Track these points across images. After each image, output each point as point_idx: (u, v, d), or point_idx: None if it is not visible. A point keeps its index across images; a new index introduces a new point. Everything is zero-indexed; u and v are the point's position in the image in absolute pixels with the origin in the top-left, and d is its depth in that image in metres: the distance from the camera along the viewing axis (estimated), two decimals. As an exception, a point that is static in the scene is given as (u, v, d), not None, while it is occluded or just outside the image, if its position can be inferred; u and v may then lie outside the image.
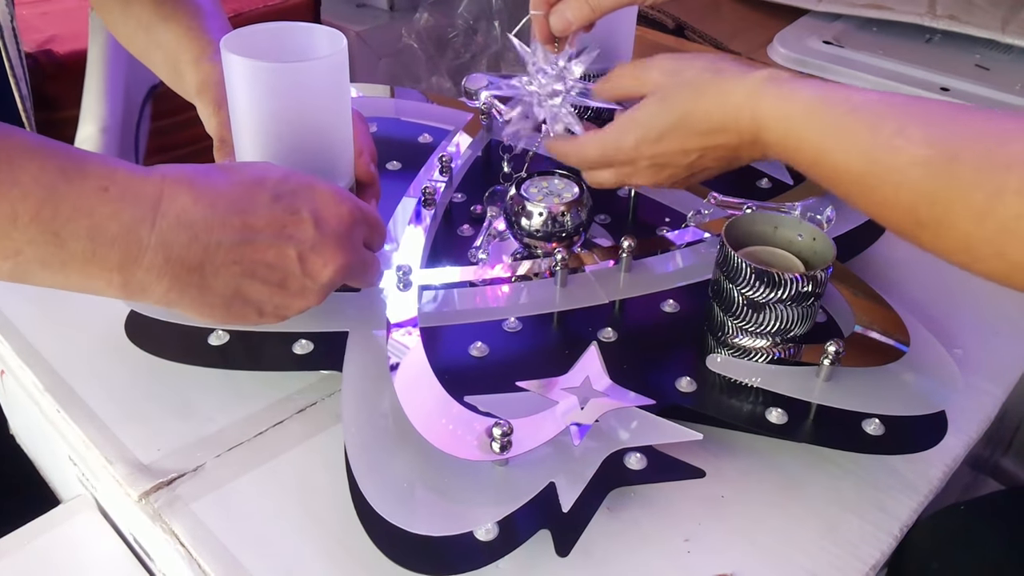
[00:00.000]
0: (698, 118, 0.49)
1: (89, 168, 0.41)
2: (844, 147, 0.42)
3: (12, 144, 0.39)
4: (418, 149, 0.77)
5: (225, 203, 0.44)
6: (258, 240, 0.44)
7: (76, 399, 0.55)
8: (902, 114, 0.41)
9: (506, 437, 0.46)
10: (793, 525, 0.49)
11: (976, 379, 0.60)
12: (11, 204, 0.38)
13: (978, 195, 0.37)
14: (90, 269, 0.40)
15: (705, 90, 0.49)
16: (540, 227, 0.62)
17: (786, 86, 0.46)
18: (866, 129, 0.41)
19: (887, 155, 0.40)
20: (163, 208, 0.42)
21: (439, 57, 1.47)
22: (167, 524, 0.48)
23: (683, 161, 0.52)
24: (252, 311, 0.46)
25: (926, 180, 0.39)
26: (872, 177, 0.41)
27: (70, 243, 0.39)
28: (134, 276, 0.41)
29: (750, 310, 0.53)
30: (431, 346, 0.55)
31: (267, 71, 0.50)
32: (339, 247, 0.47)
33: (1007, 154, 0.36)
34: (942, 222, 0.38)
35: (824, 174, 0.44)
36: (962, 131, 0.38)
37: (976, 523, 0.53)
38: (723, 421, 0.52)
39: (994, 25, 0.94)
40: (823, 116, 0.43)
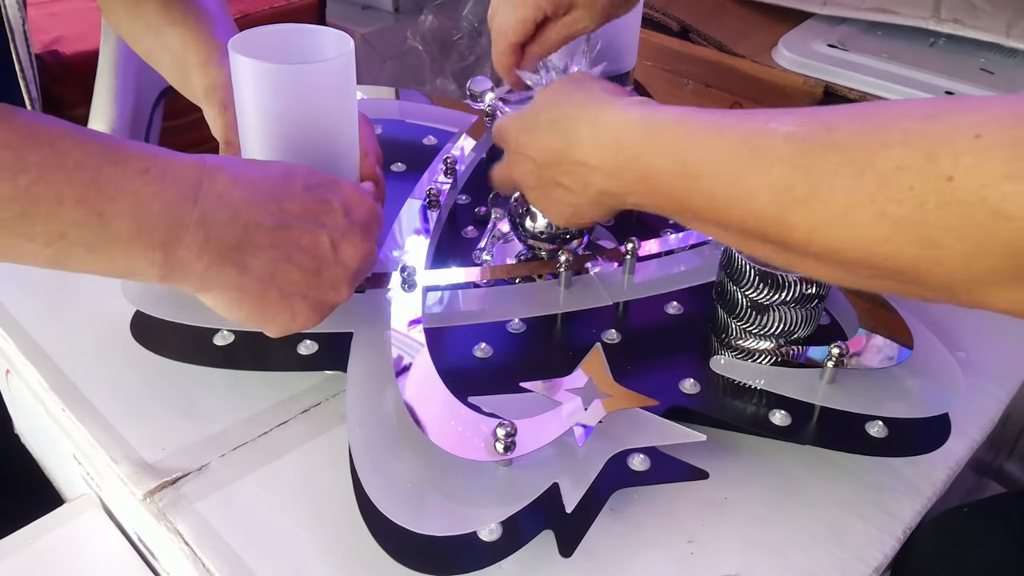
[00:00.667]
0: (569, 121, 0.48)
1: (130, 151, 0.42)
2: (712, 142, 0.40)
3: (55, 130, 0.40)
4: (423, 151, 0.77)
5: (262, 188, 0.45)
6: (294, 224, 0.45)
7: (81, 398, 0.56)
8: (772, 112, 0.39)
9: (510, 438, 0.46)
10: (796, 527, 0.49)
11: (980, 382, 0.60)
12: (56, 187, 0.39)
13: (857, 154, 0.34)
14: (134, 249, 0.41)
15: (580, 104, 0.48)
16: (544, 229, 0.62)
17: (652, 105, 0.45)
18: (736, 120, 0.40)
19: (759, 136, 0.38)
20: (204, 188, 0.43)
21: (444, 59, 1.47)
22: (171, 523, 0.48)
23: (539, 156, 0.50)
24: (285, 306, 0.46)
25: (798, 154, 0.36)
26: (741, 160, 0.39)
27: (114, 223, 0.40)
28: (175, 254, 0.42)
29: (754, 312, 0.53)
30: (435, 347, 0.55)
31: (274, 72, 0.50)
32: (366, 236, 0.49)
33: (882, 117, 0.35)
34: (819, 192, 0.36)
35: (688, 172, 0.41)
36: (835, 111, 0.37)
37: (979, 526, 0.53)
38: (727, 423, 0.52)
39: (999, 29, 0.94)
40: (695, 120, 0.42)
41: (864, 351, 0.55)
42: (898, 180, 0.33)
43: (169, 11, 0.65)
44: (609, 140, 0.45)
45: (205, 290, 0.45)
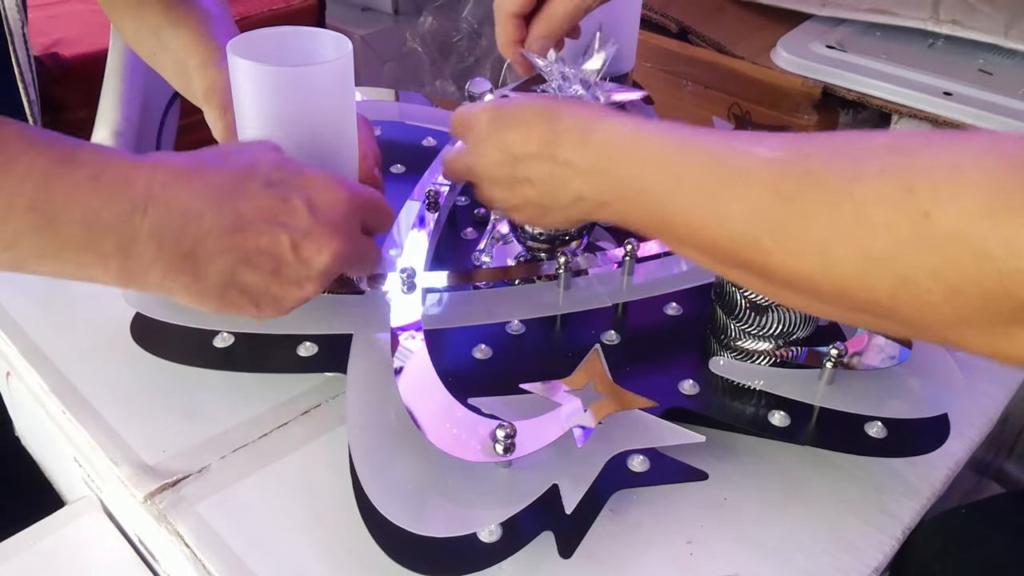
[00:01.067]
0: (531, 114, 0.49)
1: (82, 157, 0.41)
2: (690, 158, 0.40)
3: (7, 134, 0.39)
4: (422, 152, 0.78)
5: (216, 190, 0.44)
6: (250, 227, 0.44)
7: (81, 400, 0.56)
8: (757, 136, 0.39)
9: (510, 439, 0.46)
10: (796, 527, 0.50)
11: (978, 382, 0.60)
12: (7, 194, 0.38)
13: (834, 182, 0.34)
14: (86, 257, 0.41)
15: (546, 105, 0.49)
16: (543, 230, 0.62)
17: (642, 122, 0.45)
18: (713, 141, 0.40)
19: (736, 158, 0.38)
20: (155, 195, 0.42)
21: (443, 61, 1.47)
22: (172, 525, 0.48)
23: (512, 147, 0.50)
24: (248, 301, 0.46)
25: (775, 180, 0.36)
26: (717, 183, 0.39)
27: (64, 231, 0.40)
28: (128, 263, 0.42)
29: (753, 313, 0.53)
30: (435, 348, 0.55)
31: (272, 75, 0.51)
32: (334, 233, 0.46)
33: (862, 146, 0.34)
34: (794, 222, 0.35)
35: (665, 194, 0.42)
36: (813, 138, 0.37)
37: (978, 526, 0.53)
38: (726, 423, 0.52)
39: (997, 30, 0.94)
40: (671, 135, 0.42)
41: (863, 351, 0.55)
42: (874, 213, 0.33)
43: (169, 13, 0.65)
44: (597, 144, 0.45)
45: (166, 294, 0.45)
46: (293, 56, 0.54)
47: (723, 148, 0.39)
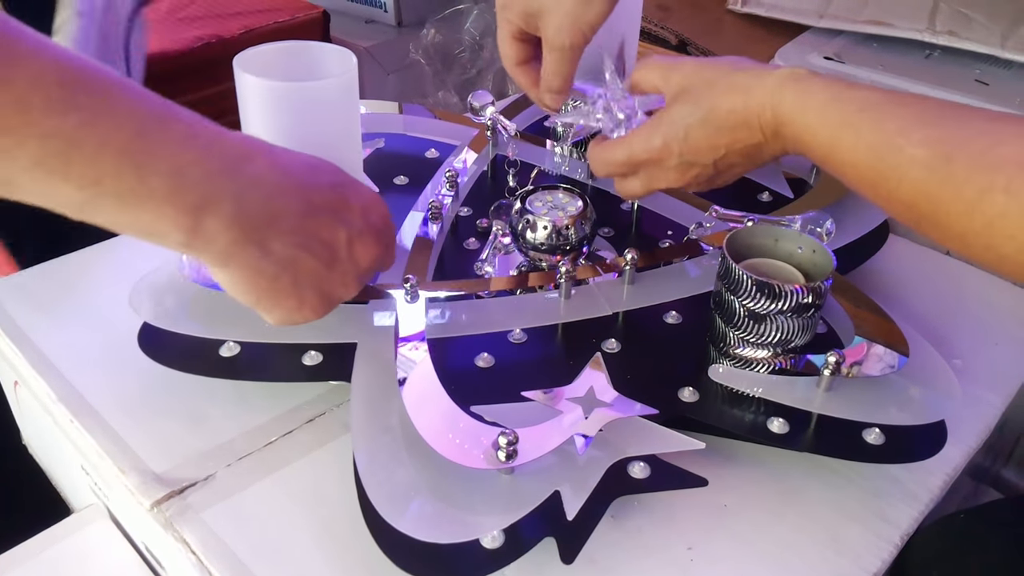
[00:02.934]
0: (722, 114, 0.51)
1: (181, 115, 0.42)
2: (851, 143, 0.45)
3: (110, 79, 0.40)
4: (425, 164, 0.78)
5: (294, 176, 0.46)
6: (319, 216, 0.46)
7: (89, 409, 0.56)
8: (907, 114, 0.43)
9: (512, 446, 0.47)
10: (795, 533, 0.50)
11: (976, 389, 0.61)
12: (102, 132, 0.39)
13: (968, 192, 0.40)
14: (164, 208, 0.41)
15: (729, 88, 0.51)
16: (545, 240, 0.63)
17: (804, 83, 0.48)
18: (871, 127, 0.44)
19: (889, 153, 0.43)
20: (244, 166, 0.43)
21: (446, 72, 1.48)
22: (179, 533, 0.49)
23: (709, 158, 0.53)
24: (295, 292, 0.46)
25: (924, 179, 0.42)
26: (876, 173, 0.44)
27: (151, 178, 0.40)
28: (203, 222, 0.42)
29: (751, 321, 0.54)
30: (438, 357, 0.56)
31: (278, 90, 0.52)
32: (379, 240, 0.49)
33: (997, 155, 0.39)
34: (939, 217, 0.41)
35: (835, 168, 0.47)
36: (959, 132, 0.41)
37: (976, 531, 0.53)
38: (725, 431, 0.53)
39: (993, 41, 0.95)
40: (835, 114, 0.46)
41: (861, 360, 0.56)
42: (1001, 227, 0.38)
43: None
44: (769, 119, 0.49)
45: (223, 265, 0.45)
46: (299, 71, 0.55)
47: (879, 138, 0.44)
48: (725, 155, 0.52)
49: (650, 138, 0.53)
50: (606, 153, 0.56)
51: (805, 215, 0.67)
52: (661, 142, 0.53)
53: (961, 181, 0.40)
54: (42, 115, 0.37)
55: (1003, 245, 0.39)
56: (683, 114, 0.52)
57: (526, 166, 0.76)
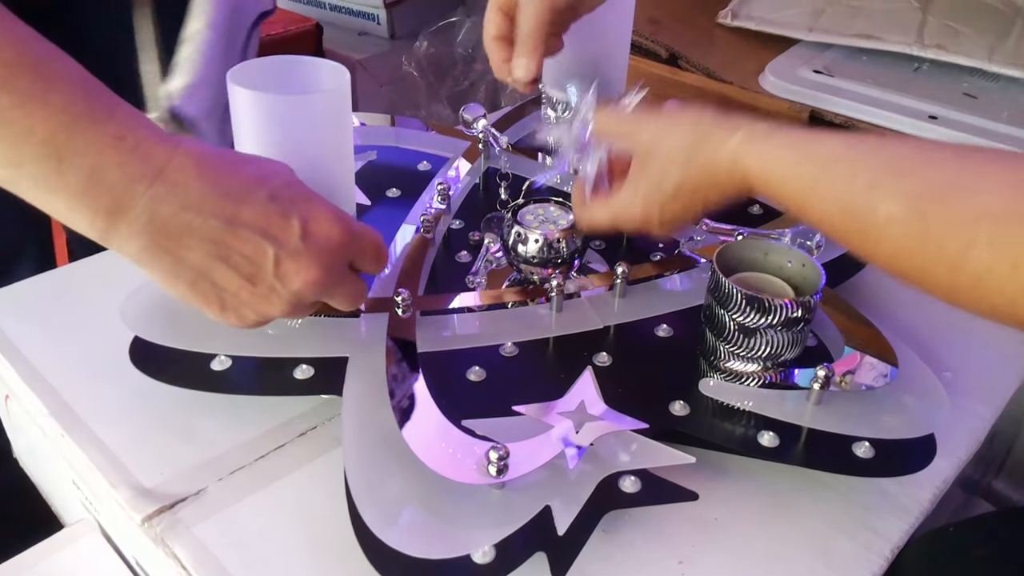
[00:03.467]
0: (691, 183, 0.51)
1: (117, 115, 0.43)
2: (823, 204, 0.44)
3: (57, 69, 0.41)
4: (418, 177, 0.79)
5: (224, 187, 0.45)
6: (241, 231, 0.46)
7: (80, 423, 0.56)
8: (874, 164, 0.42)
9: (502, 461, 0.47)
10: (786, 547, 0.50)
11: (966, 402, 0.61)
12: (33, 119, 0.40)
13: (951, 249, 0.38)
14: (77, 205, 0.42)
15: (691, 163, 0.51)
16: (536, 254, 0.63)
17: (762, 146, 0.48)
18: (842, 185, 0.43)
19: (863, 211, 0.42)
20: (165, 173, 0.43)
21: (439, 84, 1.49)
22: (169, 547, 0.49)
23: (688, 215, 0.54)
24: (215, 298, 0.47)
25: (902, 236, 0.41)
26: (853, 231, 0.43)
27: (69, 174, 0.41)
28: (115, 226, 0.43)
29: (741, 335, 0.54)
30: (430, 371, 0.56)
31: (271, 102, 0.52)
32: (317, 262, 0.48)
33: (975, 207, 0.38)
34: (924, 274, 0.40)
35: (813, 224, 0.47)
36: (931, 182, 0.40)
37: (966, 545, 0.53)
38: (716, 444, 0.53)
39: (981, 54, 0.96)
40: (801, 176, 0.46)
41: (851, 372, 0.56)
42: (990, 282, 0.37)
43: None
44: (738, 180, 0.49)
45: (140, 266, 0.45)
46: (292, 84, 0.56)
47: (850, 196, 0.43)
48: (702, 209, 0.53)
49: (631, 207, 0.54)
50: (591, 214, 0.57)
51: (795, 228, 0.68)
52: (640, 212, 0.54)
53: (941, 237, 0.39)
54: None
55: (993, 297, 0.38)
56: (654, 189, 0.53)
57: (518, 179, 0.76)
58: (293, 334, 0.58)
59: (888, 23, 1.02)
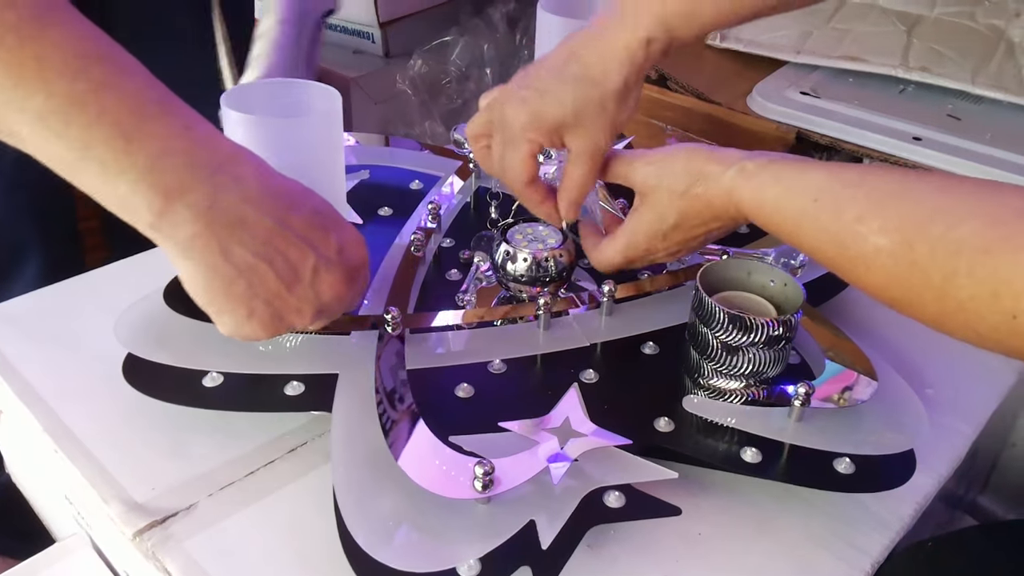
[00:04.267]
0: (691, 217, 0.55)
1: (184, 112, 0.45)
2: (814, 236, 0.47)
3: (127, 61, 0.43)
4: (409, 195, 0.80)
5: (279, 191, 0.48)
6: (291, 234, 0.47)
7: (73, 439, 0.57)
8: (859, 197, 0.45)
9: (488, 476, 0.48)
10: (768, 561, 0.51)
11: (947, 418, 0.62)
12: (105, 103, 0.42)
13: (936, 278, 0.40)
14: (140, 185, 0.43)
15: (689, 196, 0.54)
16: (525, 272, 0.64)
17: (755, 179, 0.50)
18: (829, 217, 0.46)
19: (853, 242, 0.44)
20: (229, 166, 0.45)
21: (432, 102, 1.50)
22: (160, 562, 0.49)
23: (694, 244, 0.57)
24: (246, 303, 0.47)
25: (890, 267, 0.42)
26: (844, 260, 0.45)
27: (137, 154, 0.42)
28: (173, 206, 0.44)
29: (725, 353, 0.55)
30: (419, 387, 0.57)
31: (263, 125, 0.53)
32: (347, 278, 0.51)
33: (956, 239, 0.40)
34: (912, 301, 0.42)
35: (807, 252, 0.49)
36: (915, 214, 0.42)
37: (943, 558, 0.54)
38: (700, 460, 0.54)
39: (964, 77, 0.98)
40: (791, 207, 0.48)
41: (831, 390, 0.57)
42: (973, 308, 0.39)
43: None
44: (735, 213, 0.52)
45: (184, 256, 0.45)
46: (284, 107, 0.57)
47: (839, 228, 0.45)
48: (706, 238, 0.57)
49: (633, 240, 0.57)
50: (603, 255, 0.60)
51: (780, 248, 0.69)
52: (644, 243, 0.57)
53: (927, 266, 0.41)
54: (55, 75, 0.40)
55: (978, 324, 0.40)
56: (655, 222, 0.56)
57: (508, 198, 0.77)
58: (284, 351, 0.59)
59: (874, 46, 1.04)
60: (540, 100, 0.56)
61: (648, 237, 0.57)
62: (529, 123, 0.56)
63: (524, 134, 0.57)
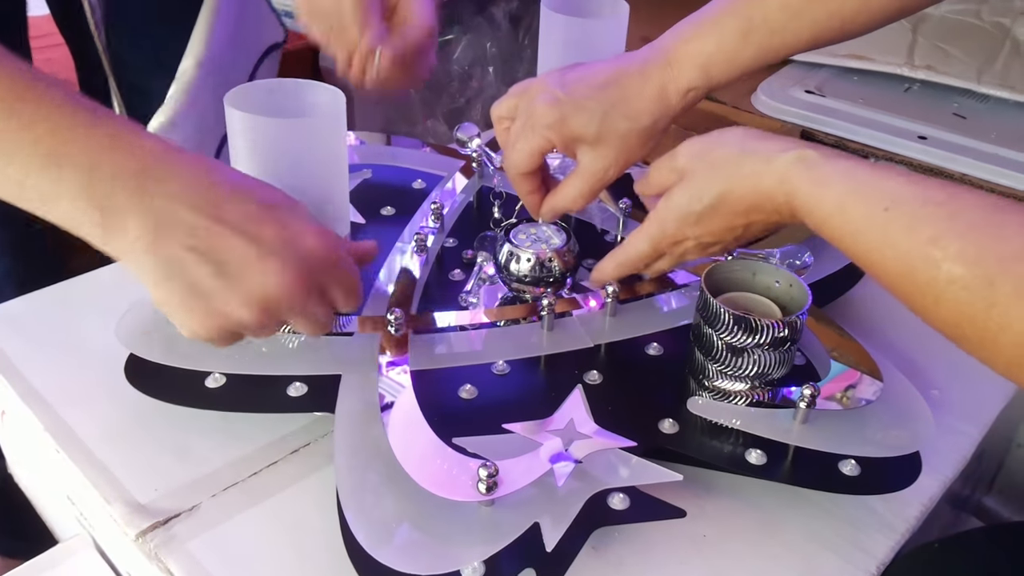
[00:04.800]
0: (733, 201, 0.50)
1: (107, 117, 0.45)
2: (878, 245, 0.42)
3: (49, 92, 0.44)
4: (412, 195, 0.80)
5: (212, 185, 0.46)
6: (222, 228, 0.45)
7: (75, 440, 0.57)
8: (938, 217, 0.40)
9: (492, 478, 0.48)
10: (773, 563, 0.51)
11: (952, 420, 0.62)
12: (35, 134, 0.42)
13: (1017, 323, 0.37)
14: (80, 204, 0.43)
15: (735, 174, 0.50)
16: (528, 272, 0.64)
17: (816, 171, 0.46)
18: (901, 233, 0.41)
19: (924, 267, 0.40)
20: (155, 168, 0.45)
21: (435, 101, 1.50)
22: (163, 563, 0.49)
23: (728, 236, 0.54)
24: (184, 303, 0.46)
25: (965, 301, 0.38)
26: (910, 284, 0.41)
27: (70, 179, 0.43)
28: (110, 219, 0.44)
29: (730, 354, 0.55)
30: (422, 389, 0.56)
31: (267, 125, 0.53)
32: (294, 267, 0.47)
33: (1001, 255, 0.37)
34: (985, 343, 0.38)
35: (863, 266, 0.45)
36: (998, 246, 0.38)
37: (949, 560, 0.54)
38: (704, 462, 0.54)
39: (970, 75, 0.97)
40: (856, 209, 0.43)
41: (837, 392, 0.57)
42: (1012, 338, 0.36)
43: None
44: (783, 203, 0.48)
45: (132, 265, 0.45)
46: (288, 107, 0.57)
47: (910, 246, 0.41)
48: (744, 231, 0.53)
49: (664, 225, 0.54)
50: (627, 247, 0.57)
51: (784, 248, 0.68)
52: (675, 227, 0.53)
53: (1008, 309, 0.37)
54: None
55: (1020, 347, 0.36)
56: (691, 201, 0.52)
57: (511, 198, 0.76)
58: (287, 352, 0.59)
59: (879, 44, 1.04)
60: (572, 109, 0.56)
61: (679, 221, 0.52)
62: (553, 124, 0.57)
63: (544, 131, 0.58)
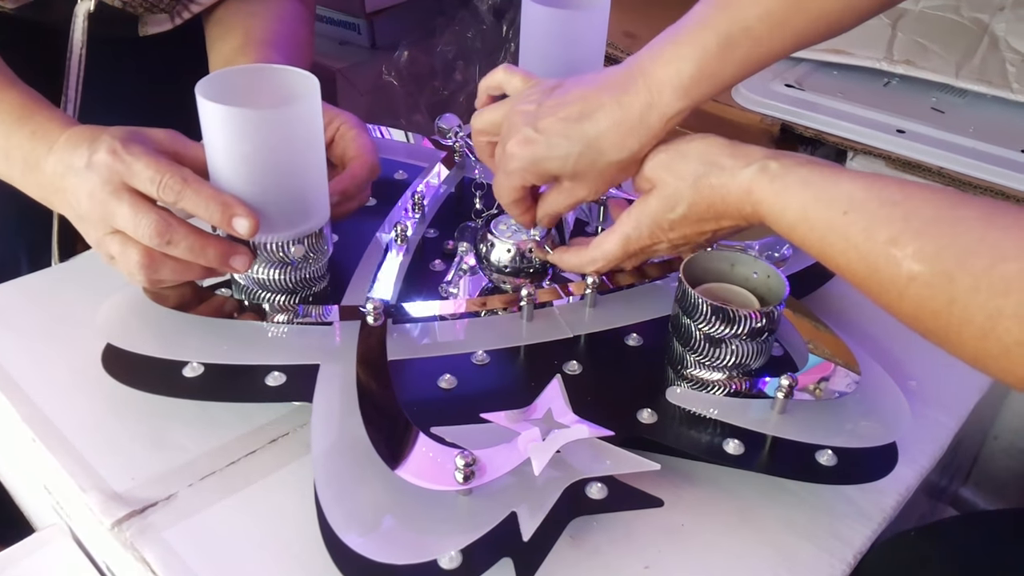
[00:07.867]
0: (701, 210, 0.52)
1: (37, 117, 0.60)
2: (841, 249, 0.44)
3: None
4: (393, 185, 0.79)
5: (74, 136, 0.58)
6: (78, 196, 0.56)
7: (52, 429, 0.56)
8: (895, 217, 0.41)
9: (469, 467, 0.48)
10: (750, 552, 0.51)
11: (929, 411, 0.62)
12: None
13: (978, 317, 0.37)
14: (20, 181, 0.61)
15: (701, 187, 0.51)
16: (508, 263, 0.64)
17: (778, 183, 0.47)
18: (861, 235, 0.42)
19: (887, 266, 0.41)
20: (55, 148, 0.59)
21: (418, 94, 1.50)
22: (139, 552, 0.49)
23: (700, 239, 0.55)
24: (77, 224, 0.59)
25: (928, 297, 0.39)
26: (874, 284, 0.43)
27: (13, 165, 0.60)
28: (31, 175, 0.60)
29: (708, 345, 0.55)
30: (401, 378, 0.56)
31: (241, 116, 0.52)
32: (101, 181, 0.54)
33: (1002, 275, 0.37)
34: (949, 336, 0.39)
35: (834, 270, 0.46)
36: (955, 243, 0.39)
37: (924, 549, 0.54)
38: (682, 451, 0.54)
39: (948, 70, 0.98)
40: (818, 217, 0.45)
41: (814, 382, 0.57)
42: (1020, 354, 0.36)
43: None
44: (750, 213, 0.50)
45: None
46: (262, 94, 0.56)
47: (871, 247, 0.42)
48: (714, 233, 0.54)
49: (636, 230, 0.55)
50: (599, 248, 0.58)
51: (763, 240, 0.69)
52: (647, 233, 0.55)
53: (968, 303, 0.38)
54: None
55: (1020, 370, 0.37)
56: (662, 210, 0.53)
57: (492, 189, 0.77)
58: (265, 342, 0.59)
59: (858, 38, 1.04)
60: (545, 148, 0.55)
61: (652, 226, 0.54)
62: (528, 167, 0.57)
63: (520, 172, 0.57)
